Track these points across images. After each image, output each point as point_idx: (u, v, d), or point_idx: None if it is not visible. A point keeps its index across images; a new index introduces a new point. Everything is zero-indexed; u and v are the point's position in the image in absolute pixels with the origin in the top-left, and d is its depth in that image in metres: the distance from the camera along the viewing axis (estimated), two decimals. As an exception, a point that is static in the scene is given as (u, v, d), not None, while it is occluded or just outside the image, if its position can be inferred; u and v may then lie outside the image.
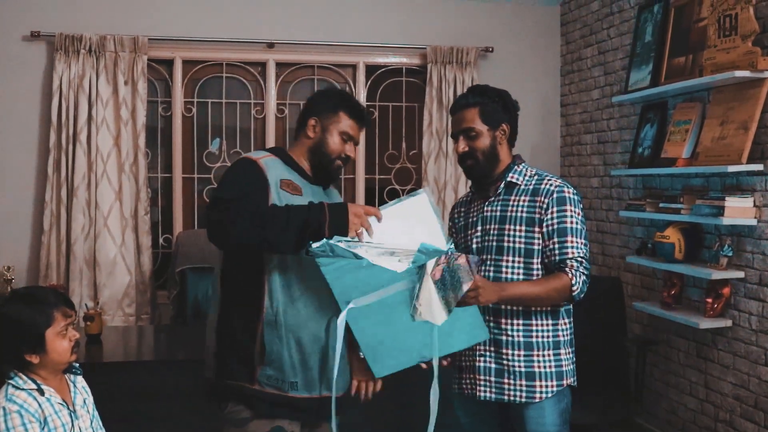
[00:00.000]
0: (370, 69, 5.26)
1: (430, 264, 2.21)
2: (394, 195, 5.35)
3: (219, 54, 5.06)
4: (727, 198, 3.47)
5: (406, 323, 2.25)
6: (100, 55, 4.74)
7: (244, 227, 2.14)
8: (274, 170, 2.33)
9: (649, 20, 4.26)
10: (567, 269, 2.43)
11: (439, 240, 2.27)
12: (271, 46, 5.07)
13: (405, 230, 2.24)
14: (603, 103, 4.85)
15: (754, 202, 3.48)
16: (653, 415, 4.31)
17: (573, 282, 2.41)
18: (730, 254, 3.58)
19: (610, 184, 4.75)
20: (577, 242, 2.46)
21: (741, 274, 3.56)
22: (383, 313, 2.25)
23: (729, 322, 3.66)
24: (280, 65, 5.16)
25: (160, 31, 4.90)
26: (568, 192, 2.50)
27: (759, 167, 3.42)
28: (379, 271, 2.19)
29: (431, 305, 2.20)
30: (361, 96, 5.21)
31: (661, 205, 3.93)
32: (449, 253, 2.22)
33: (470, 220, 2.64)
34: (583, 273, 2.44)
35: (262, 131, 5.17)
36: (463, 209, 2.72)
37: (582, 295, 2.45)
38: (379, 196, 5.34)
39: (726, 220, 3.45)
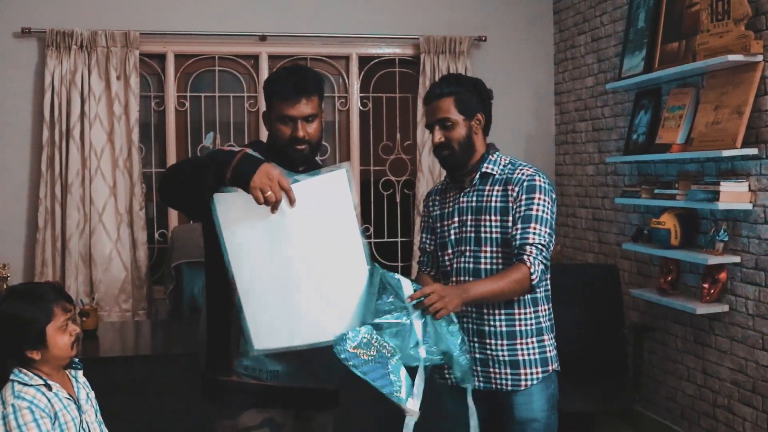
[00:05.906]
0: (363, 60, 5.25)
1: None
2: (389, 186, 5.35)
3: (211, 47, 5.04)
4: (722, 183, 3.47)
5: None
6: (91, 50, 4.71)
7: (170, 182, 2.17)
8: None
9: (641, 6, 4.24)
10: (525, 256, 2.39)
11: (353, 229, 2.16)
12: (263, 38, 5.05)
13: (315, 212, 2.11)
14: (597, 90, 4.84)
15: (749, 186, 3.48)
16: (651, 401, 4.31)
17: (532, 271, 2.38)
18: (726, 239, 3.58)
19: (606, 172, 4.74)
20: (540, 229, 2.43)
21: (737, 259, 3.56)
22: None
23: (726, 307, 3.66)
24: (273, 58, 5.14)
25: (152, 25, 4.87)
26: (539, 180, 2.48)
27: (753, 151, 3.41)
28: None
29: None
30: (355, 87, 5.20)
31: (656, 191, 3.93)
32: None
33: (446, 210, 2.62)
34: (542, 262, 2.41)
35: (256, 124, 5.15)
36: (438, 197, 2.69)
37: (541, 284, 2.43)
38: (375, 187, 5.33)
39: (721, 205, 3.45)
